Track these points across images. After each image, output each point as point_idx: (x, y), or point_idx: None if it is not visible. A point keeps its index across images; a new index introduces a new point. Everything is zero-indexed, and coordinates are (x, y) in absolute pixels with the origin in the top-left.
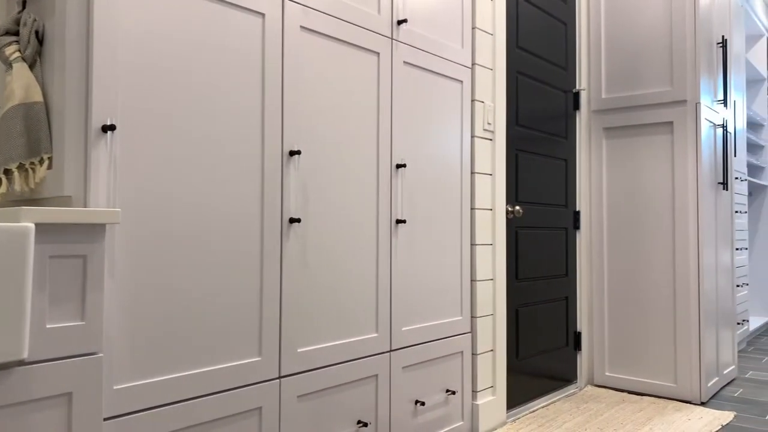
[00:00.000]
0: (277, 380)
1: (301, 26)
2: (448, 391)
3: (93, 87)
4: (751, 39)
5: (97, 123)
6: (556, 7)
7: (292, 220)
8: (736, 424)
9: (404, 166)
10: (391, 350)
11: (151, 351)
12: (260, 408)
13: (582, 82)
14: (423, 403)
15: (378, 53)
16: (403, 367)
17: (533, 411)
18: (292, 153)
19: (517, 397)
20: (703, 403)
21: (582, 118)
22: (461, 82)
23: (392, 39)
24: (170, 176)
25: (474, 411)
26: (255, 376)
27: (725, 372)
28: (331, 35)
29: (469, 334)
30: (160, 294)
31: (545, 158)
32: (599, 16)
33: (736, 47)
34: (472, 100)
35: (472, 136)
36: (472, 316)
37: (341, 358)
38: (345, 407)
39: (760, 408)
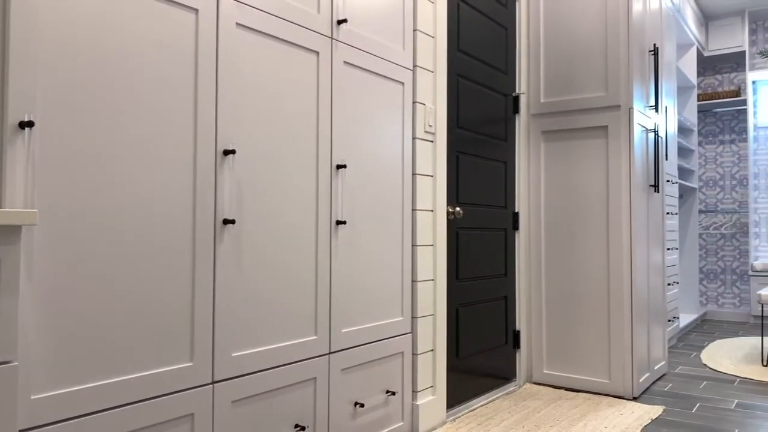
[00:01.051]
0: (210, 386)
1: (237, 23)
2: (388, 392)
3: (9, 81)
4: (682, 48)
5: (13, 119)
6: (496, 11)
7: (226, 221)
8: (664, 418)
9: (344, 166)
10: (330, 353)
11: (74, 358)
12: (192, 414)
13: (521, 86)
14: (362, 405)
15: (317, 52)
16: (343, 369)
17: (473, 410)
18: (226, 152)
19: (458, 396)
20: (635, 398)
21: (521, 122)
22: (402, 83)
23: (332, 38)
24: (95, 175)
25: (414, 411)
26: (186, 381)
27: (656, 367)
28: (269, 33)
29: (410, 334)
30: (83, 298)
31: (485, 160)
32: (538, 22)
33: (667, 56)
34: (414, 102)
35: (414, 138)
36: (412, 317)
37: (278, 361)
38: (282, 411)
39: (688, 401)
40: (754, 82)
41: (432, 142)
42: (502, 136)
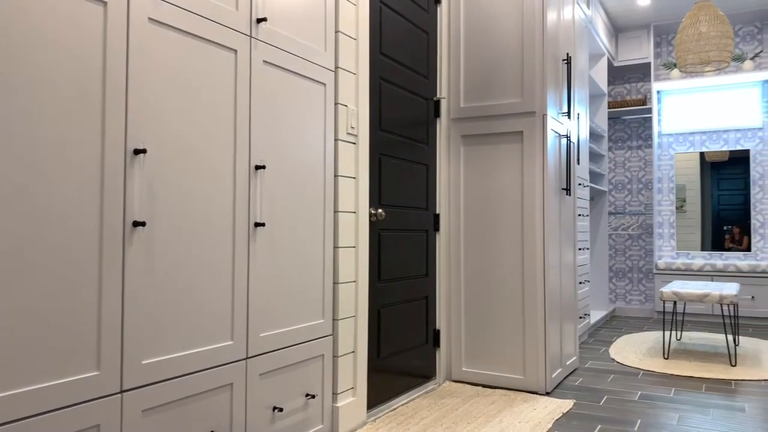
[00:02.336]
0: (119, 395)
1: (150, 18)
2: (307, 395)
3: None
4: (594, 58)
5: None
6: (418, 16)
7: (136, 224)
8: (575, 411)
9: (264, 167)
10: (247, 357)
11: None
12: (98, 426)
13: (442, 91)
14: (281, 409)
15: (235, 51)
16: (261, 374)
17: (394, 409)
18: (137, 151)
19: (378, 396)
20: (548, 393)
21: (442, 125)
22: (324, 84)
23: (251, 37)
24: None
25: (334, 413)
26: (92, 392)
27: (568, 363)
28: (184, 29)
29: (331, 336)
30: None
31: (407, 163)
32: (459, 28)
33: (580, 64)
34: (336, 103)
35: (336, 139)
36: (333, 319)
37: (192, 368)
38: (197, 418)
39: (597, 395)
40: (658, 92)
41: (354, 143)
42: (423, 139)
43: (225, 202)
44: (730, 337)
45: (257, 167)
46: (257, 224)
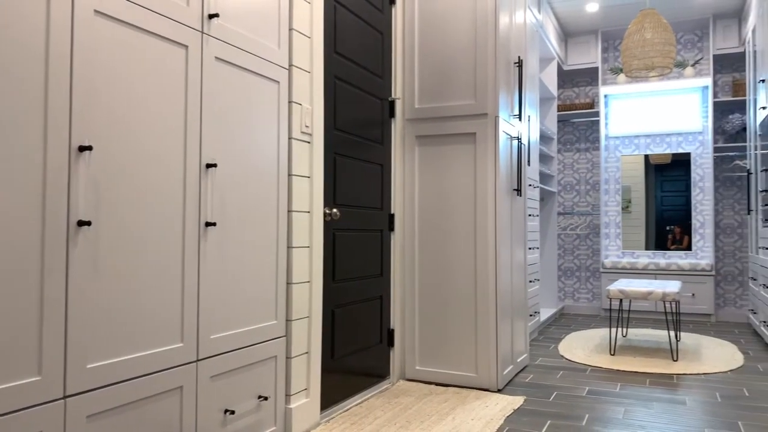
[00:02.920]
0: (62, 400)
1: (96, 11)
2: (260, 397)
3: None
4: (544, 61)
5: None
6: (373, 16)
7: (81, 223)
8: (525, 407)
9: (215, 165)
10: (198, 360)
11: None
12: None
13: (397, 91)
14: (233, 412)
15: (186, 46)
16: (212, 377)
17: (347, 409)
18: (81, 148)
19: (332, 396)
20: (499, 390)
21: (397, 126)
22: (278, 82)
23: (203, 33)
24: None
25: (287, 415)
26: (34, 397)
27: (519, 360)
28: (132, 23)
29: (284, 338)
30: None
31: (362, 162)
32: (413, 29)
33: (531, 68)
34: (290, 102)
35: (290, 138)
36: (287, 320)
37: (140, 371)
38: (145, 423)
39: (546, 391)
40: (605, 96)
41: (309, 142)
42: (378, 139)
43: (175, 201)
44: (672, 333)
45: (208, 165)
46: (208, 224)
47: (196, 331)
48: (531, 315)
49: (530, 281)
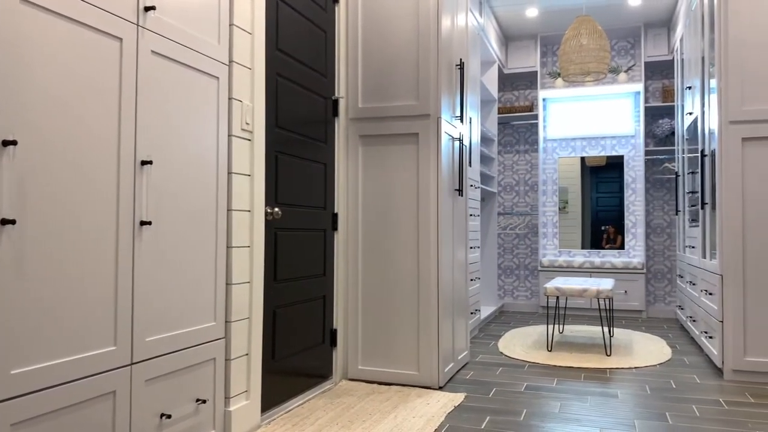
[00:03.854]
0: None
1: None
2: (198, 400)
3: None
4: (486, 65)
5: None
6: (316, 14)
7: (4, 222)
8: (465, 404)
9: (150, 163)
10: (132, 363)
11: None
12: None
13: (341, 90)
14: (169, 416)
15: (121, 39)
16: (147, 380)
17: (289, 410)
18: (5, 143)
19: (274, 398)
20: (441, 388)
21: (340, 125)
22: (218, 78)
23: (138, 25)
24: None
25: (227, 417)
26: None
27: (460, 357)
28: (62, 13)
29: (223, 339)
30: None
31: (305, 161)
32: (356, 29)
33: (472, 70)
34: (230, 98)
35: (230, 135)
36: (226, 321)
37: (70, 376)
38: (75, 430)
39: (486, 387)
40: (544, 99)
41: (249, 140)
42: (322, 137)
43: (107, 198)
44: (606, 329)
45: (143, 162)
46: (143, 222)
47: (130, 333)
48: (472, 313)
49: (471, 280)
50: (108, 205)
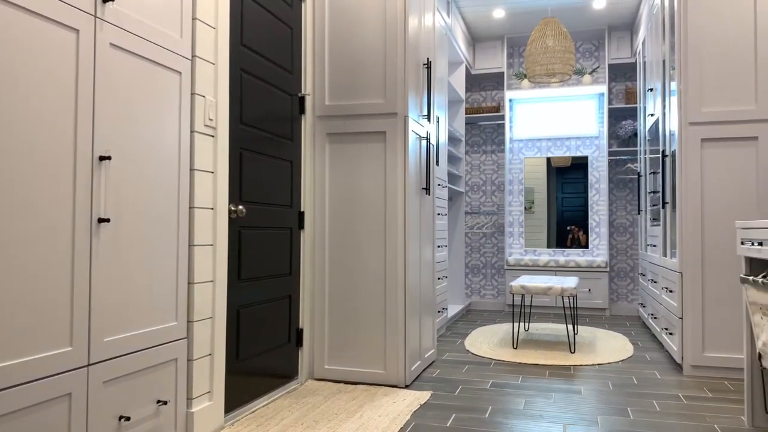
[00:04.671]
0: None
1: None
2: (159, 401)
3: None
4: (453, 65)
5: None
6: (282, 10)
7: None
8: (431, 402)
9: (109, 158)
10: (89, 364)
11: None
12: None
13: (307, 87)
14: (128, 418)
15: (77, 30)
16: (105, 382)
17: (253, 411)
18: None
19: (238, 398)
20: (407, 386)
21: (307, 122)
22: (180, 73)
23: (96, 17)
24: None
25: (189, 419)
26: None
27: (426, 356)
28: (15, 2)
29: (185, 339)
30: None
31: (271, 159)
32: (323, 26)
33: (439, 71)
34: (193, 94)
35: (192, 131)
36: (188, 321)
37: (23, 378)
38: None
39: (452, 385)
40: (510, 100)
41: (213, 136)
42: (288, 135)
43: (64, 194)
44: (570, 327)
45: (102, 158)
46: (101, 220)
47: (87, 334)
48: (439, 311)
49: (438, 278)
50: (64, 202)
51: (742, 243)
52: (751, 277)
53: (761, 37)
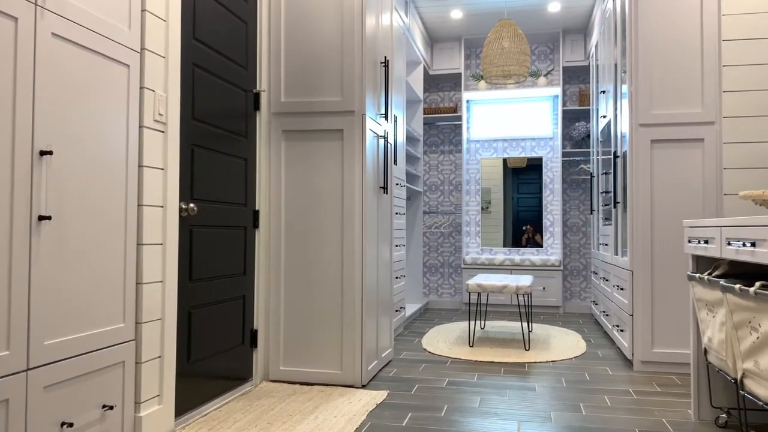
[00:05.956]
0: None
1: None
2: (105, 406)
3: None
4: (411, 65)
5: None
6: (236, 4)
7: None
8: (388, 401)
9: (50, 153)
10: (28, 369)
11: None
12: None
13: (262, 84)
14: (71, 425)
15: (16, 18)
16: (46, 387)
17: (205, 414)
18: None
19: (189, 402)
20: (364, 386)
21: (262, 119)
22: (128, 66)
23: (36, 5)
24: None
25: (137, 423)
26: None
27: (383, 355)
28: None
29: (133, 341)
30: None
31: (224, 156)
32: (279, 22)
33: (397, 70)
34: (141, 88)
35: (141, 127)
36: (136, 322)
37: None
38: None
39: (409, 384)
40: (467, 101)
41: (163, 132)
42: (242, 132)
43: (1, 191)
44: (525, 325)
45: (42, 153)
46: (42, 217)
47: (26, 337)
48: (397, 311)
49: (396, 278)
50: (1, 198)
51: (689, 241)
52: (697, 275)
53: (707, 43)
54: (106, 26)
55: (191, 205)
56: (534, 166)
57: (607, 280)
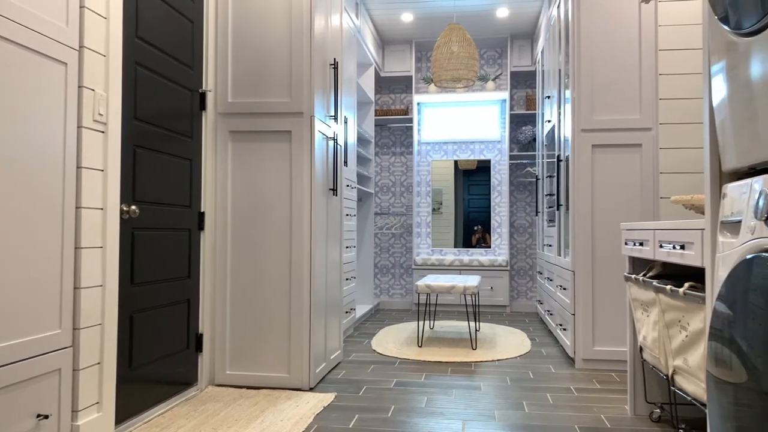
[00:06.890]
0: None
1: None
2: (39, 415)
3: None
4: (362, 67)
5: None
6: (182, 3)
7: None
8: (335, 404)
9: None
10: None
11: None
12: None
13: (209, 84)
14: None
15: None
16: None
17: (148, 421)
18: None
19: (130, 408)
20: (311, 389)
21: (208, 120)
22: (66, 64)
23: None
24: None
25: None
26: None
27: (332, 357)
28: None
29: (70, 348)
30: None
31: (168, 157)
32: (227, 21)
33: (348, 71)
34: (80, 87)
35: (79, 126)
36: (74, 328)
37: None
38: None
39: (357, 385)
40: (418, 104)
41: (103, 132)
42: (187, 132)
43: None
44: (473, 324)
45: None
46: None
47: None
48: (347, 312)
49: (347, 279)
50: None
51: (626, 243)
52: (633, 276)
53: (645, 52)
54: (41, 22)
55: (133, 207)
56: (484, 168)
57: (551, 280)
